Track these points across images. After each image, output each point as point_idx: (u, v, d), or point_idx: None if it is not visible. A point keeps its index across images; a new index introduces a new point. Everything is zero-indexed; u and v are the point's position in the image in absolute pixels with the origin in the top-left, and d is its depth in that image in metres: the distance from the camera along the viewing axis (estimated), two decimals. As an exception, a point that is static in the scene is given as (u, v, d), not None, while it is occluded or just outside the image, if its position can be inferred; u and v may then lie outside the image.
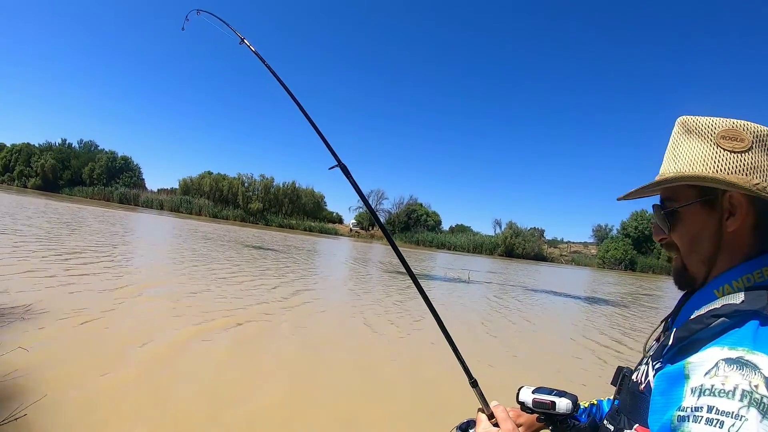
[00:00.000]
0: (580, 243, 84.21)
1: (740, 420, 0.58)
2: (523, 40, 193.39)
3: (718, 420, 0.59)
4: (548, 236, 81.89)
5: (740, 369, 0.62)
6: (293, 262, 16.73)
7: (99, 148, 79.45)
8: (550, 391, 1.11)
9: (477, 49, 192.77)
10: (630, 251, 65.38)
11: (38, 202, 34.16)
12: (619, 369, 1.00)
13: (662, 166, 0.90)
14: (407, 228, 71.73)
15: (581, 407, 1.15)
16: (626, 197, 0.96)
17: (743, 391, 0.60)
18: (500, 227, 74.40)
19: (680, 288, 0.91)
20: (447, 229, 79.41)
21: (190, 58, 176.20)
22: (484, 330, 8.47)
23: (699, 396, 0.63)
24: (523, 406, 1.13)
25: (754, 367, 0.62)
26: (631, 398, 0.86)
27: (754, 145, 0.79)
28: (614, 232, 73.94)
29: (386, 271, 18.50)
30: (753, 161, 0.78)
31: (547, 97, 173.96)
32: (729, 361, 0.64)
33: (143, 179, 77.79)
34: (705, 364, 0.66)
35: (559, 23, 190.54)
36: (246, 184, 68.50)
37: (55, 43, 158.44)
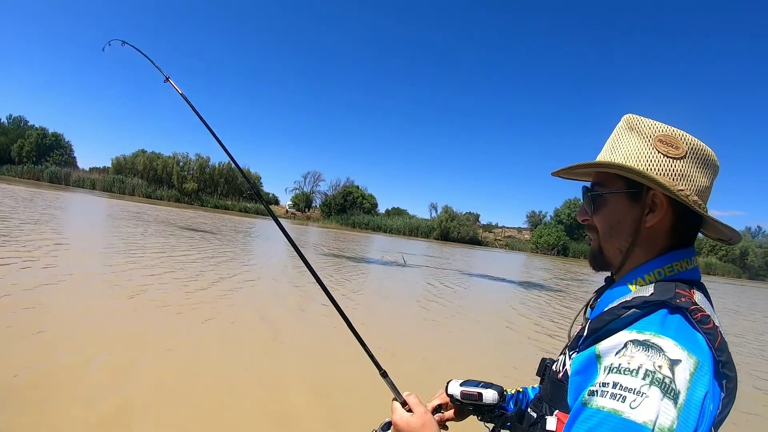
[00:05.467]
0: (515, 228, 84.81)
1: (641, 396, 0.63)
2: (462, 27, 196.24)
3: (622, 395, 0.64)
4: (483, 221, 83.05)
5: (646, 350, 0.67)
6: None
7: (29, 124, 74.02)
8: (476, 383, 1.18)
9: (414, 35, 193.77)
10: (563, 237, 67.45)
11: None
12: (543, 360, 1.03)
13: (599, 154, 0.94)
14: (343, 210, 71.00)
15: (508, 394, 1.21)
16: (559, 172, 0.98)
17: (647, 370, 0.64)
18: (436, 211, 75.27)
19: (594, 269, 0.95)
20: (383, 212, 79.10)
21: (119, 32, 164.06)
22: (420, 318, 8.53)
23: (608, 373, 0.68)
24: (452, 399, 1.19)
25: (659, 350, 0.66)
26: (552, 387, 0.90)
27: (687, 155, 0.83)
28: (548, 218, 75.28)
29: (323, 254, 18.87)
30: (683, 169, 0.82)
31: (483, 84, 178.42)
32: (636, 342, 0.69)
33: (75, 157, 73.66)
34: (616, 345, 0.72)
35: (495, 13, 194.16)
36: (181, 164, 66.08)
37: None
